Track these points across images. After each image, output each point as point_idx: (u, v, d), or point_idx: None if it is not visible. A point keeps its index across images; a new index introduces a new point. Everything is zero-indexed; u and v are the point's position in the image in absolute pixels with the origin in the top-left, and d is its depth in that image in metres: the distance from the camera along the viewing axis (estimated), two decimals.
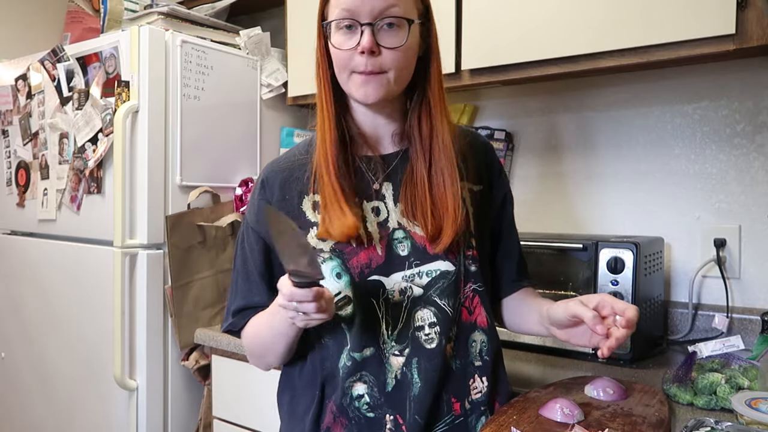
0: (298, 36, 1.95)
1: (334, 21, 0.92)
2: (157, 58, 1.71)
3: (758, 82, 1.49)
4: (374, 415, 0.94)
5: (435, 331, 0.95)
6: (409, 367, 0.94)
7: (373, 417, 0.94)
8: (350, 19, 0.90)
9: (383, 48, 0.91)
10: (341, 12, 0.90)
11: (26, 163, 2.09)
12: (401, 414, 0.93)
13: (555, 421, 0.94)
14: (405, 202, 0.98)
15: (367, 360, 0.95)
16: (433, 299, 0.96)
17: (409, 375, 0.94)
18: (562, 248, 1.42)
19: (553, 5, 1.42)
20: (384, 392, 0.94)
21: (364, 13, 0.90)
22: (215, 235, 1.82)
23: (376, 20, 0.90)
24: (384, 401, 0.94)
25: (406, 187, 0.98)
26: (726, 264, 1.52)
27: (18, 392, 2.12)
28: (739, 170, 1.51)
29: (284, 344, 0.98)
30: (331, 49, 0.95)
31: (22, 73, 2.08)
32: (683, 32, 1.26)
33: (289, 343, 0.98)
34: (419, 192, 0.97)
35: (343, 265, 0.95)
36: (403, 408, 0.94)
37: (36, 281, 2.03)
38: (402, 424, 0.93)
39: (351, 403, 0.95)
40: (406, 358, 0.95)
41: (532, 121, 1.82)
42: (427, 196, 0.96)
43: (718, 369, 1.14)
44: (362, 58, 0.91)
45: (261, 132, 2.00)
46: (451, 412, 0.96)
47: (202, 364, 1.76)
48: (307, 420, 0.99)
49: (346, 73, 0.94)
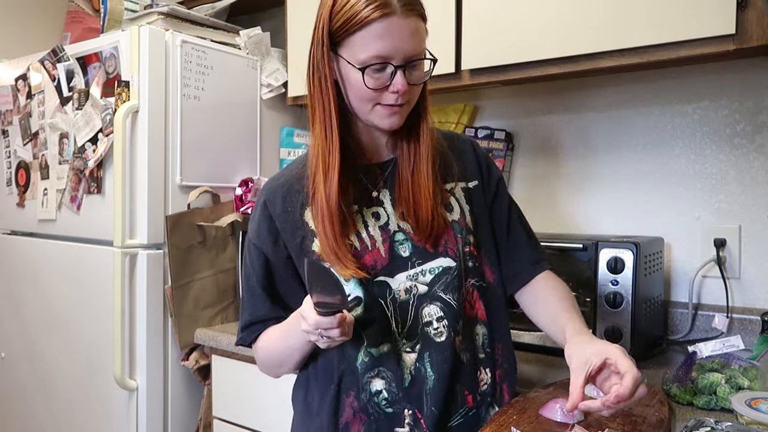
0: (298, 36, 1.95)
1: (368, 68, 0.92)
2: (157, 58, 1.71)
3: (758, 82, 1.48)
4: (393, 410, 0.97)
5: (443, 324, 0.98)
6: (422, 362, 0.97)
7: (391, 412, 0.97)
8: (384, 64, 0.92)
9: (409, 84, 0.94)
10: (374, 58, 0.91)
11: (26, 163, 2.09)
12: (419, 408, 0.96)
13: (555, 421, 0.94)
14: (399, 205, 1.02)
15: (384, 356, 0.98)
16: (438, 294, 1.00)
17: (423, 370, 0.97)
18: (562, 248, 1.41)
19: (553, 5, 1.42)
20: (402, 387, 0.97)
21: (398, 57, 0.92)
22: (215, 235, 1.82)
23: (407, 62, 0.93)
24: (402, 396, 0.97)
25: (399, 192, 1.02)
26: (726, 264, 1.52)
27: (18, 392, 2.12)
28: (739, 170, 1.51)
29: (299, 357, 1.04)
30: (350, 79, 0.95)
31: (22, 73, 2.08)
32: (683, 32, 1.26)
33: (304, 355, 1.04)
34: (405, 194, 1.01)
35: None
36: (421, 402, 0.96)
37: (36, 281, 2.03)
38: (420, 418, 0.96)
39: (370, 399, 0.98)
40: (417, 353, 0.98)
41: (532, 121, 1.82)
42: (410, 197, 1.00)
43: (718, 369, 1.14)
44: (393, 95, 0.94)
45: (261, 132, 2.00)
46: (465, 404, 0.99)
47: (202, 364, 1.76)
48: (323, 415, 1.01)
49: (369, 104, 0.95)
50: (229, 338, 1.65)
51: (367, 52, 0.91)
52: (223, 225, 1.80)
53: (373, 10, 0.89)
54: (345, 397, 1.00)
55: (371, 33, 0.90)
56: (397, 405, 0.97)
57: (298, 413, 1.10)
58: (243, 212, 1.84)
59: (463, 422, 0.99)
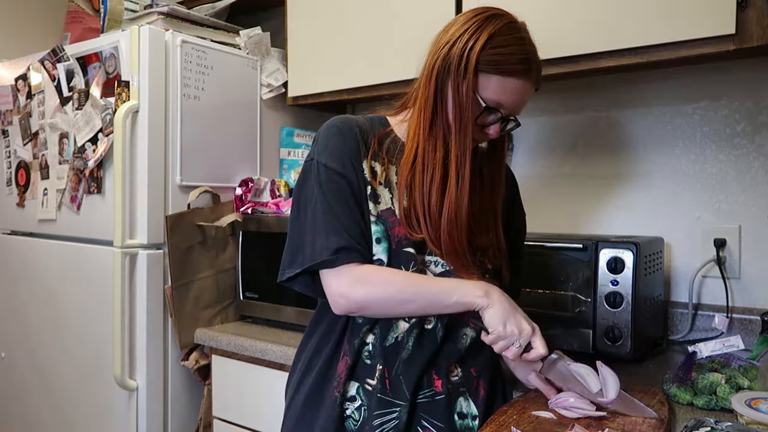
0: (298, 36, 1.95)
1: (489, 108, 1.02)
2: (157, 58, 1.71)
3: (758, 82, 1.49)
4: (370, 362, 1.05)
5: (433, 314, 1.04)
6: (410, 334, 1.04)
7: (369, 364, 1.05)
8: (495, 110, 1.02)
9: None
10: (495, 103, 1.02)
11: (26, 163, 2.09)
12: (389, 368, 1.03)
13: (555, 421, 0.94)
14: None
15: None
16: None
17: (405, 340, 1.04)
18: (562, 248, 1.41)
19: (553, 5, 1.42)
20: (383, 346, 1.04)
21: (509, 111, 1.04)
22: (215, 235, 1.82)
23: (509, 116, 1.05)
24: (380, 352, 1.04)
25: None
26: (726, 264, 1.52)
27: (18, 392, 2.12)
28: (739, 170, 1.51)
29: (429, 310, 1.03)
30: (464, 104, 1.01)
31: (22, 73, 2.08)
32: (683, 32, 1.26)
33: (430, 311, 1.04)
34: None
35: (385, 233, 1.03)
36: (392, 364, 1.04)
37: (36, 281, 2.03)
38: (386, 377, 1.03)
39: (358, 348, 1.05)
40: (410, 326, 1.04)
41: (532, 121, 1.82)
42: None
43: (718, 369, 1.14)
44: (484, 135, 1.06)
45: (261, 132, 2.00)
46: (432, 387, 1.05)
47: (202, 364, 1.76)
48: (325, 351, 1.08)
49: (465, 132, 1.02)
50: (230, 338, 1.65)
51: (495, 96, 1.01)
52: (223, 225, 1.80)
53: (522, 69, 1.01)
54: (345, 342, 1.07)
55: (508, 84, 1.00)
56: (375, 359, 1.04)
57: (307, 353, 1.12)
58: (243, 212, 1.84)
59: (429, 402, 1.04)
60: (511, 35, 1.00)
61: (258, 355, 1.58)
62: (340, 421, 1.03)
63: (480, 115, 1.02)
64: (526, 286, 1.48)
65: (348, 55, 1.82)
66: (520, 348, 0.98)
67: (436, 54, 1.03)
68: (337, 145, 1.04)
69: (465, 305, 1.00)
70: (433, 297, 1.00)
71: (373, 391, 1.03)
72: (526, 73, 1.01)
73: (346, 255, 1.00)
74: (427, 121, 1.03)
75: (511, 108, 1.03)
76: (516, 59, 0.99)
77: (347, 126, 1.06)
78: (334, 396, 1.04)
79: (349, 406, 1.04)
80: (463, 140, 1.01)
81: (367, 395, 1.03)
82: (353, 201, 1.03)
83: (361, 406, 1.03)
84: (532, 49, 1.03)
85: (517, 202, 1.26)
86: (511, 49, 0.99)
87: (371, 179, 1.05)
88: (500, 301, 1.00)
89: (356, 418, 1.03)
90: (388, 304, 1.01)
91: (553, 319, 1.41)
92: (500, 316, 0.98)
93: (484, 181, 1.11)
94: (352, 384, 1.04)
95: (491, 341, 0.99)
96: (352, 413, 1.04)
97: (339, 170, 1.03)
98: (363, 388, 1.04)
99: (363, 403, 1.03)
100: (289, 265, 1.05)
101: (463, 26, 1.01)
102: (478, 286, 1.01)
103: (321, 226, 1.01)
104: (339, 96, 1.87)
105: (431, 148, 1.03)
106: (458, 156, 1.01)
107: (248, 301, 1.82)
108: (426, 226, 1.02)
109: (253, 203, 1.87)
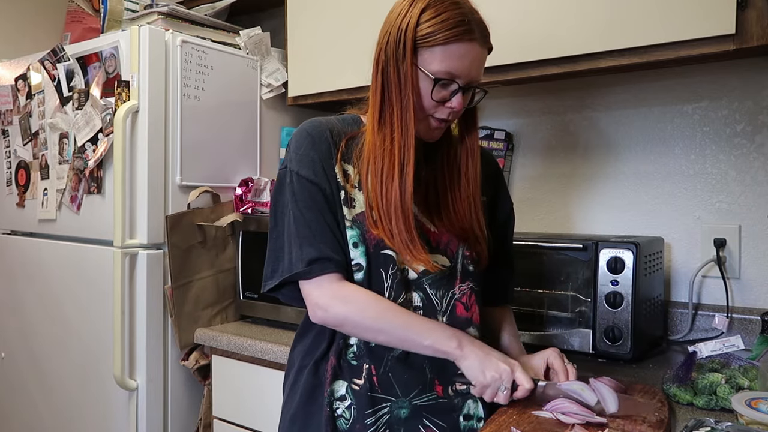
0: (298, 36, 1.95)
1: (441, 81, 0.98)
2: (157, 58, 1.71)
3: (758, 82, 1.49)
4: (356, 363, 1.05)
5: (419, 314, 1.04)
6: None
7: (355, 365, 1.05)
8: (450, 81, 0.99)
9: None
10: (446, 73, 0.98)
11: (26, 163, 2.09)
12: (376, 365, 1.03)
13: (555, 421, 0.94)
14: (421, 201, 1.07)
15: None
16: (424, 286, 1.05)
17: None
18: (562, 248, 1.41)
19: (553, 5, 1.42)
20: (368, 346, 1.04)
21: (464, 79, 1.00)
22: (215, 235, 1.82)
23: (468, 86, 1.01)
24: (365, 353, 1.04)
25: (424, 188, 1.08)
26: (726, 264, 1.52)
27: (18, 392, 2.12)
28: (739, 170, 1.51)
29: (407, 346, 1.01)
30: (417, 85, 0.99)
31: (22, 73, 2.08)
32: (683, 32, 1.26)
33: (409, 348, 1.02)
34: (431, 193, 1.09)
35: (361, 237, 1.03)
36: (380, 362, 1.03)
37: (36, 281, 2.03)
38: (374, 375, 1.03)
39: (343, 349, 1.05)
40: None
41: (532, 121, 1.82)
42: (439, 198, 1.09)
43: (718, 369, 1.14)
44: (448, 110, 1.02)
45: (261, 132, 2.00)
46: (433, 391, 1.04)
47: (202, 364, 1.76)
48: (316, 352, 1.08)
49: (423, 113, 1.02)
50: (230, 338, 1.65)
51: (442, 66, 0.98)
52: (223, 225, 1.80)
53: (462, 31, 0.97)
54: (334, 344, 1.06)
55: (452, 51, 0.97)
56: (360, 360, 1.04)
57: (299, 352, 1.12)
58: (243, 212, 1.84)
59: (432, 405, 1.04)
60: (442, 3, 0.98)
61: (258, 355, 1.58)
62: (332, 421, 1.04)
63: (433, 89, 0.99)
64: (527, 286, 1.48)
65: (348, 55, 1.82)
66: (507, 390, 0.97)
67: (379, 45, 1.03)
68: (307, 151, 1.03)
69: (442, 353, 0.99)
70: (404, 334, 0.99)
71: (361, 390, 1.03)
72: (467, 34, 0.98)
73: (320, 266, 1.00)
74: (377, 112, 1.01)
75: (466, 76, 0.99)
76: (452, 23, 0.97)
77: (317, 130, 1.05)
78: (324, 396, 1.04)
79: (340, 406, 1.04)
80: (406, 124, 0.99)
81: (355, 395, 1.03)
82: (326, 208, 1.02)
83: (350, 405, 1.03)
84: (468, 9, 1.00)
85: (502, 190, 1.24)
86: (445, 15, 0.97)
87: (344, 183, 1.03)
88: (473, 351, 0.98)
89: (347, 417, 1.04)
90: (362, 330, 1.01)
91: (553, 319, 1.41)
92: (477, 365, 0.98)
93: (455, 166, 1.08)
94: (341, 384, 1.04)
95: (479, 393, 0.99)
96: (342, 412, 1.04)
97: (311, 178, 1.02)
98: (351, 388, 1.04)
99: (352, 402, 1.03)
100: (271, 276, 1.06)
101: (396, 9, 1.01)
102: (450, 335, 0.99)
103: (294, 236, 1.01)
104: (339, 96, 1.87)
105: (381, 140, 1.00)
106: (401, 141, 0.99)
107: (248, 301, 1.82)
108: (381, 220, 1.00)
109: (253, 203, 1.87)
